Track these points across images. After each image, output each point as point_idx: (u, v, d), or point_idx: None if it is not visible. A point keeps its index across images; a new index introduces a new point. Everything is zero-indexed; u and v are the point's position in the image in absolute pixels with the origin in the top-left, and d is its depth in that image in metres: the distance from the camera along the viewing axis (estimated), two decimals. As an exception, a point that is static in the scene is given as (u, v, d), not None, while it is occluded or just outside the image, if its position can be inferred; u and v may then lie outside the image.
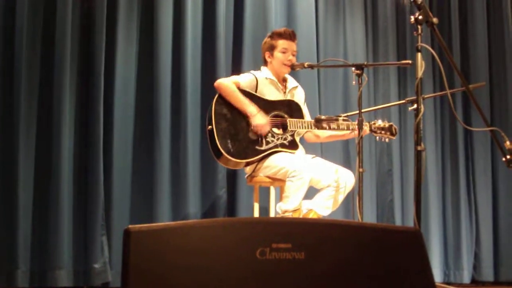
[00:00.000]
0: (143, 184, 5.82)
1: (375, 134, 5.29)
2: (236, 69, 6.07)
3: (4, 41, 5.45)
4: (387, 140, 5.35)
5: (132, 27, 5.93)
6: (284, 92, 5.34)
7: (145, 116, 5.88)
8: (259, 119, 5.08)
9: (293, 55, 5.32)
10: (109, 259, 5.56)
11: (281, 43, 5.30)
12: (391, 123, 5.33)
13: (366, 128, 5.15)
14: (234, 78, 5.27)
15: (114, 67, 5.77)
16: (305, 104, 5.48)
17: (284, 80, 5.42)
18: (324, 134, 5.47)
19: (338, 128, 5.20)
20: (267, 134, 5.10)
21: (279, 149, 5.11)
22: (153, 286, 2.45)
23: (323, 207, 5.03)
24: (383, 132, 5.28)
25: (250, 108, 5.09)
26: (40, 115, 5.50)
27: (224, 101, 5.12)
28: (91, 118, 5.61)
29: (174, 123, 5.91)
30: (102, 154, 5.59)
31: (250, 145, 5.07)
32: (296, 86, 5.48)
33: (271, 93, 5.27)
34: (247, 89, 5.20)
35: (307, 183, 4.90)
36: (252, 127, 5.07)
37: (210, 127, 5.05)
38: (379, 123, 5.29)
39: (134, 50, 5.94)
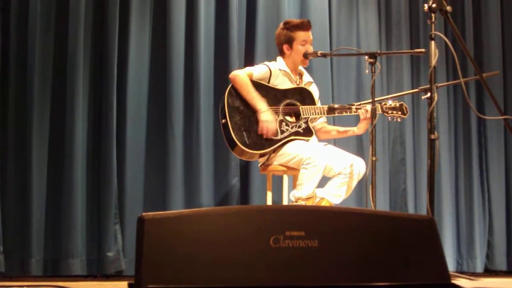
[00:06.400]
0: (156, 173, 5.83)
1: (386, 115, 5.27)
2: (249, 58, 6.07)
3: (17, 31, 5.47)
4: (399, 119, 5.33)
5: (145, 16, 5.93)
6: (298, 84, 5.34)
7: (158, 105, 5.89)
8: (267, 116, 5.08)
9: (310, 45, 5.32)
10: (122, 248, 5.58)
11: (300, 35, 5.28)
12: (401, 102, 5.32)
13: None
14: (248, 69, 5.28)
15: (127, 56, 5.77)
16: (319, 101, 5.46)
17: (300, 74, 5.42)
18: (332, 129, 5.50)
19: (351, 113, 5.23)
20: (281, 124, 5.10)
21: (294, 137, 5.11)
22: (166, 274, 2.46)
23: (334, 196, 5.03)
24: (394, 112, 5.27)
25: (260, 104, 5.10)
26: (53, 103, 5.52)
27: (236, 93, 5.13)
28: (104, 107, 5.63)
29: (187, 112, 5.91)
30: (116, 143, 5.61)
31: None
32: (311, 82, 5.47)
33: (284, 85, 5.26)
34: (260, 80, 5.20)
35: (322, 171, 4.91)
36: (259, 123, 5.07)
37: (224, 120, 5.07)
38: (390, 103, 5.28)
39: (147, 40, 5.94)
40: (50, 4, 5.58)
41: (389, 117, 5.30)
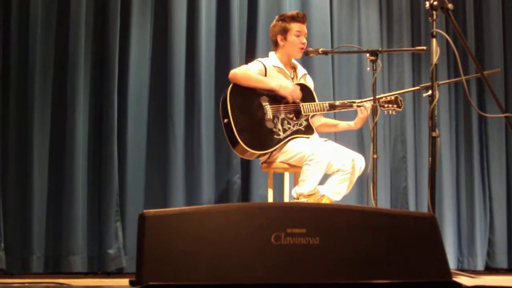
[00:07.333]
0: (157, 170, 5.83)
1: (382, 109, 5.27)
2: (250, 55, 6.05)
3: (18, 29, 5.47)
4: (394, 112, 5.34)
5: (146, 14, 5.93)
6: (293, 79, 5.34)
7: (159, 102, 5.89)
8: (286, 89, 5.10)
9: (305, 38, 5.31)
10: (123, 245, 5.58)
11: (295, 26, 5.26)
12: (396, 95, 5.33)
13: (369, 106, 5.16)
14: (245, 67, 5.28)
15: (128, 54, 5.77)
16: (314, 92, 5.47)
17: (294, 67, 5.41)
18: (331, 123, 5.51)
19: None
20: (282, 122, 5.09)
21: (296, 135, 5.11)
22: (167, 271, 2.46)
23: (334, 193, 5.02)
24: (390, 105, 5.28)
25: (273, 83, 5.11)
26: (54, 101, 5.52)
27: (238, 93, 5.11)
28: (105, 105, 5.63)
29: (188, 109, 5.91)
30: (117, 140, 5.61)
31: (268, 135, 5.06)
32: (306, 74, 5.47)
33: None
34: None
35: (325, 167, 4.89)
36: (286, 97, 5.10)
37: (226, 120, 5.04)
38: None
39: (148, 38, 5.94)
40: (51, 3, 5.58)
41: (385, 111, 5.31)
